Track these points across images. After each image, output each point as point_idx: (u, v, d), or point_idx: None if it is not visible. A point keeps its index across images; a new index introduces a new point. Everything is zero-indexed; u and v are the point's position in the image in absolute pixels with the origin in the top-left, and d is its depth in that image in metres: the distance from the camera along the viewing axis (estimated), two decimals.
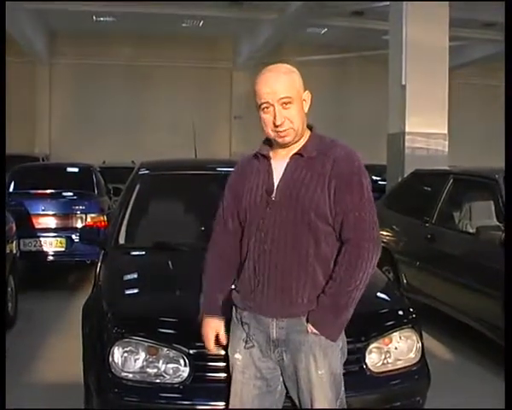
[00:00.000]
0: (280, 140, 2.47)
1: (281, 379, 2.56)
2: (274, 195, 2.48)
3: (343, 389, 2.57)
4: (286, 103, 2.42)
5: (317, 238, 2.43)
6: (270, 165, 2.54)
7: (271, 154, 2.55)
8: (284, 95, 2.41)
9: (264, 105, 2.43)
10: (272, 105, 2.42)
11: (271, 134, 2.48)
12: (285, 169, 2.49)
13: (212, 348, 2.71)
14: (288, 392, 2.58)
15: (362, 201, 2.42)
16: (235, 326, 2.62)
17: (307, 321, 2.44)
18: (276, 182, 2.49)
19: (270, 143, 2.57)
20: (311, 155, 2.47)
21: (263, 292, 2.48)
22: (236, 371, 2.58)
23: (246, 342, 2.55)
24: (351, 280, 2.39)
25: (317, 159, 2.45)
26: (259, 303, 2.49)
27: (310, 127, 2.56)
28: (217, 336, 2.69)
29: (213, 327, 2.69)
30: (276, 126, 2.43)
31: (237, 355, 2.58)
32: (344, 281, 2.40)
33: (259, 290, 2.48)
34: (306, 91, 2.52)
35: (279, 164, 2.52)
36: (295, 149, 2.50)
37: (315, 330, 2.42)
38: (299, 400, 2.53)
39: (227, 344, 2.69)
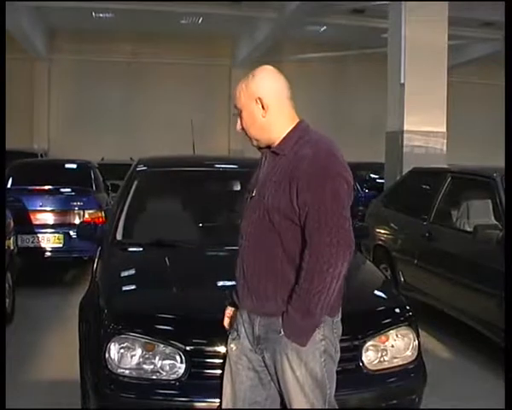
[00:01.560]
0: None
1: None
2: (254, 191, 2.53)
3: (329, 392, 2.49)
4: (239, 113, 2.52)
5: (283, 237, 2.41)
6: (262, 162, 2.59)
7: (267, 151, 2.57)
8: (235, 104, 2.53)
9: None
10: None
11: None
12: (265, 167, 2.53)
13: (225, 325, 2.73)
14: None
15: (324, 203, 2.31)
16: (235, 319, 2.65)
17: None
18: (258, 179, 2.55)
19: None
20: (284, 152, 2.45)
21: (243, 287, 2.52)
22: (231, 360, 2.60)
23: (233, 334, 2.59)
24: (312, 286, 2.30)
25: (287, 157, 2.43)
26: (241, 299, 2.54)
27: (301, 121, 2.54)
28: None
29: (227, 313, 2.74)
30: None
31: (232, 345, 2.60)
32: (306, 287, 2.32)
33: (241, 285, 2.53)
34: (268, 90, 2.46)
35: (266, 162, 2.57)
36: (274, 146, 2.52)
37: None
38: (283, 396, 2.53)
39: (221, 341, 2.71)
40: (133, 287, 3.59)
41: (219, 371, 2.77)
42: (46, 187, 8.35)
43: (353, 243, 2.36)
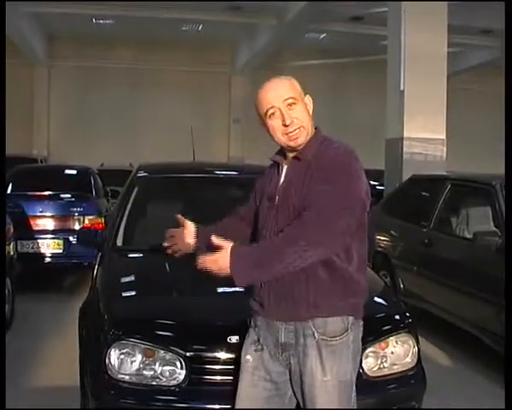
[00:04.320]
0: (292, 143, 2.46)
1: (290, 383, 2.54)
2: (276, 199, 2.50)
3: (354, 395, 2.51)
4: (291, 104, 2.43)
5: None
6: (279, 170, 2.57)
7: (283, 160, 2.56)
8: (288, 96, 2.43)
9: (271, 111, 2.43)
10: (278, 108, 2.42)
11: (282, 139, 2.47)
12: (285, 174, 2.52)
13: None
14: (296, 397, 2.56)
15: (332, 194, 2.31)
16: (250, 329, 2.61)
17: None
18: (279, 186, 2.52)
19: (282, 150, 2.58)
20: (307, 157, 2.46)
21: (269, 295, 2.47)
22: (246, 371, 2.56)
23: (256, 345, 2.55)
24: (281, 250, 2.28)
25: (309, 161, 2.44)
26: (267, 307, 2.48)
27: (315, 129, 2.55)
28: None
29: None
30: (286, 127, 2.43)
31: (248, 356, 2.57)
32: (275, 244, 2.32)
33: (266, 293, 2.47)
34: (307, 95, 2.53)
35: (285, 169, 2.55)
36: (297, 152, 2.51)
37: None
38: (304, 405, 2.50)
39: (221, 347, 2.71)
40: (133, 293, 3.59)
41: (219, 378, 2.78)
42: (46, 193, 8.35)
43: (335, 249, 2.35)
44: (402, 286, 6.53)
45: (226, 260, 2.30)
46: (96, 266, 4.11)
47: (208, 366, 2.87)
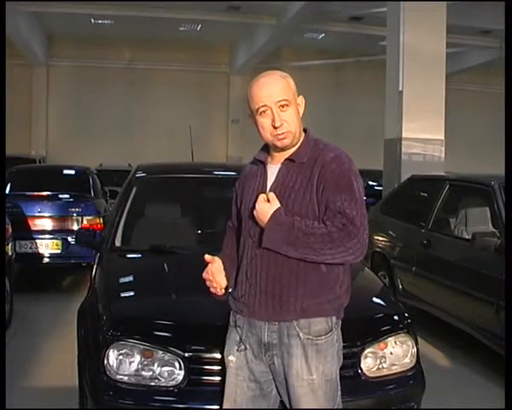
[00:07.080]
0: (279, 143, 2.45)
1: (274, 383, 2.54)
2: None
3: (339, 393, 2.54)
4: (283, 106, 2.41)
5: None
6: (265, 170, 2.55)
7: (268, 159, 2.56)
8: (281, 97, 2.41)
9: (262, 109, 2.42)
10: (270, 108, 2.41)
11: (270, 138, 2.46)
12: (276, 175, 2.49)
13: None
14: (281, 397, 2.56)
15: (352, 202, 2.35)
16: (230, 329, 2.61)
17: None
18: (268, 187, 2.49)
19: (267, 148, 2.57)
20: (302, 160, 2.45)
21: (255, 296, 2.47)
22: (230, 372, 2.57)
23: (238, 345, 2.54)
24: (316, 239, 2.30)
25: (307, 164, 2.43)
26: (252, 308, 2.48)
27: (304, 130, 2.55)
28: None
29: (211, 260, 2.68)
30: (275, 129, 2.42)
31: (231, 357, 2.57)
32: (312, 236, 2.31)
33: (252, 295, 2.48)
34: (300, 96, 2.51)
35: (274, 169, 2.52)
36: (289, 153, 2.49)
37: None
38: (290, 405, 2.50)
39: (219, 348, 2.70)
40: (132, 293, 3.59)
41: (218, 378, 2.77)
42: (44, 193, 8.35)
43: (366, 247, 2.38)
44: (400, 286, 6.52)
45: (266, 217, 2.37)
46: (95, 267, 4.11)
47: (207, 367, 2.87)
